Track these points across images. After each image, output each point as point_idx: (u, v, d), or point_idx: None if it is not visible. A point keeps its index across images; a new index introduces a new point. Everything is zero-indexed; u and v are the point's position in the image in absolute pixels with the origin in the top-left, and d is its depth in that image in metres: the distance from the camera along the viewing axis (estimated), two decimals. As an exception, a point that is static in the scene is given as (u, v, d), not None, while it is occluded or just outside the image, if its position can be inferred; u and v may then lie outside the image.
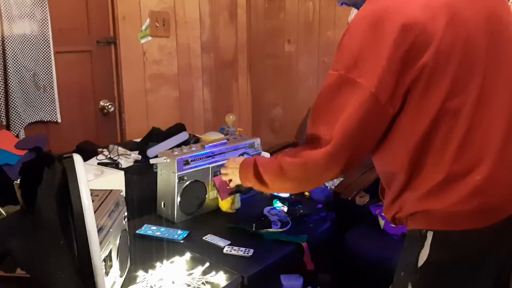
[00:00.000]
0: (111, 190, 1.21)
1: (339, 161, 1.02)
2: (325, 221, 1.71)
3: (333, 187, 2.07)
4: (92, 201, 1.13)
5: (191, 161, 1.58)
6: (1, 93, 1.99)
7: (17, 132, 2.04)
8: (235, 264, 1.33)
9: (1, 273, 0.95)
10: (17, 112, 2.04)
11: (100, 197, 1.16)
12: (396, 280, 1.06)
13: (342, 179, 2.09)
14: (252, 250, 1.40)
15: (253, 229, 1.53)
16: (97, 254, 0.66)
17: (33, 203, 0.66)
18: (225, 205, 1.66)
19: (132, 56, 2.52)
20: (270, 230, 1.55)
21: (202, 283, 1.21)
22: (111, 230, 1.10)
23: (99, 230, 1.04)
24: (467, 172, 0.94)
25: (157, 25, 2.62)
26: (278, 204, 1.75)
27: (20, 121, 2.04)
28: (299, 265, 1.55)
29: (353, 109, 0.95)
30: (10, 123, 2.02)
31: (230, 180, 1.41)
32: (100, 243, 1.03)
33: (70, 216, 0.66)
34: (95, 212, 1.08)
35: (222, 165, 1.49)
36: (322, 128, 1.02)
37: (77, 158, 0.73)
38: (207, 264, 1.29)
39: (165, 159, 1.55)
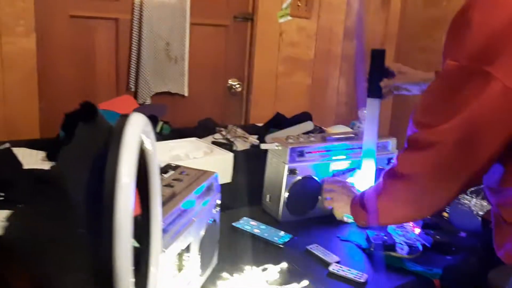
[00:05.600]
0: (205, 172, 1.03)
1: (451, 169, 0.89)
2: (470, 254, 1.32)
3: (480, 213, 1.65)
4: (180, 180, 0.97)
5: (306, 152, 1.33)
6: (134, 59, 1.99)
7: (143, 101, 2.03)
8: (341, 288, 1.06)
9: None
10: (145, 81, 2.02)
11: (191, 176, 0.99)
12: None
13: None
14: (366, 276, 1.11)
15: (372, 248, 1.23)
16: (124, 254, 0.45)
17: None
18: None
19: (268, 35, 2.36)
20: (394, 253, 1.23)
21: (294, 305, 0.96)
22: (193, 218, 0.91)
23: (179, 215, 0.87)
24: None
25: (299, 4, 2.41)
26: (408, 224, 1.41)
27: (147, 90, 2.03)
28: (425, 306, 1.21)
29: (477, 105, 0.80)
30: (138, 90, 2.02)
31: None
32: (177, 232, 0.85)
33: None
34: (178, 194, 0.91)
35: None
36: (425, 130, 0.90)
37: (136, 118, 0.54)
38: (305, 283, 1.04)
39: (276, 146, 1.33)
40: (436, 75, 0.94)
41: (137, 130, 0.52)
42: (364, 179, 1.38)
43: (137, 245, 0.57)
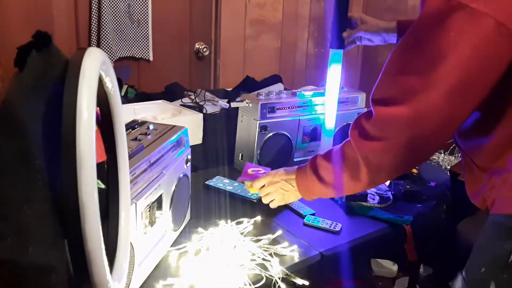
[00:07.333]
0: (174, 126, 1.00)
1: (437, 120, 0.79)
2: (438, 204, 1.36)
3: (448, 166, 1.70)
4: (148, 134, 0.94)
5: (277, 109, 1.32)
6: (94, 23, 1.90)
7: (107, 66, 1.95)
8: (316, 237, 1.07)
9: None
10: (108, 45, 1.94)
11: (159, 131, 0.96)
12: (473, 276, 0.85)
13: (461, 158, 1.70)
14: (340, 225, 1.12)
15: (344, 200, 1.24)
16: (89, 188, 0.43)
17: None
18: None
19: (233, -4, 2.30)
20: (365, 203, 1.25)
21: (270, 254, 0.96)
22: (163, 171, 0.89)
23: (148, 168, 0.84)
24: None
25: (264, -37, 2.35)
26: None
27: (110, 54, 1.94)
28: (397, 252, 1.24)
29: (467, 48, 0.72)
30: (100, 55, 1.94)
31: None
32: (147, 185, 0.83)
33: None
34: (146, 147, 0.88)
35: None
36: (411, 78, 0.77)
37: (94, 51, 0.50)
38: (279, 232, 1.04)
39: (247, 103, 1.31)
40: (410, 26, 0.80)
41: (96, 63, 0.49)
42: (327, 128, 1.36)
43: (102, 186, 0.54)
